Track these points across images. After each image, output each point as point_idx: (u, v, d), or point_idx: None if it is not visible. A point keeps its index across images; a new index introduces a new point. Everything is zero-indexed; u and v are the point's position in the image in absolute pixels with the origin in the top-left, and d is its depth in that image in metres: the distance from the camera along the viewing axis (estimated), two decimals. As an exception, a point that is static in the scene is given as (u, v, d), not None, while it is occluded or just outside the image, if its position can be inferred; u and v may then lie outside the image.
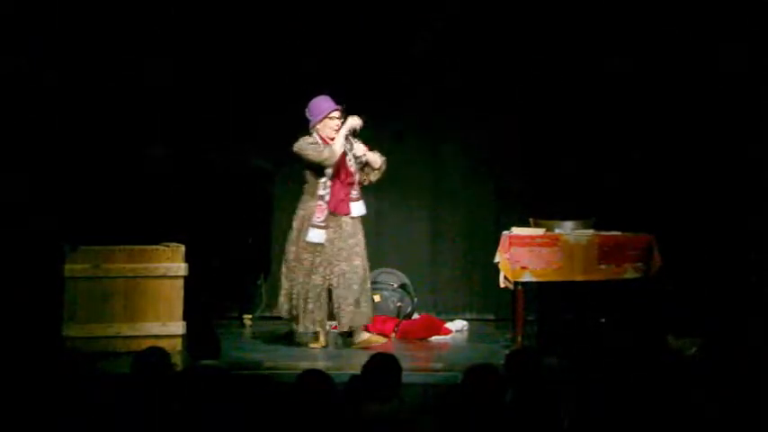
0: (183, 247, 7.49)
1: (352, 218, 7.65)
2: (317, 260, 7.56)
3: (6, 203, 7.54)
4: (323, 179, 7.56)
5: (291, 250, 7.61)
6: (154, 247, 7.50)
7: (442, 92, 9.04)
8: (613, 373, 5.53)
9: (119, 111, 8.50)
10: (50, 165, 7.92)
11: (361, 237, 7.67)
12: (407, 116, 9.09)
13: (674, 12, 8.56)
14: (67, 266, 7.26)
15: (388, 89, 8.95)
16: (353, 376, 4.92)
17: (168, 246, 7.52)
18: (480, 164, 9.21)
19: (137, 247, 7.44)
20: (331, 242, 7.56)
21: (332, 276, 7.56)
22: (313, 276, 7.55)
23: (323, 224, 7.54)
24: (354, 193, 7.65)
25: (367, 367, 4.90)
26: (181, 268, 7.43)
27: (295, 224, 7.63)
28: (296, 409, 4.62)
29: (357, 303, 7.60)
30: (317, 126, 7.60)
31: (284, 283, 7.65)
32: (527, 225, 7.90)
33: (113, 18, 8.43)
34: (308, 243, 7.54)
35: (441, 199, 9.26)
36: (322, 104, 7.62)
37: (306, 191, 7.66)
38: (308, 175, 7.63)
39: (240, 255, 8.85)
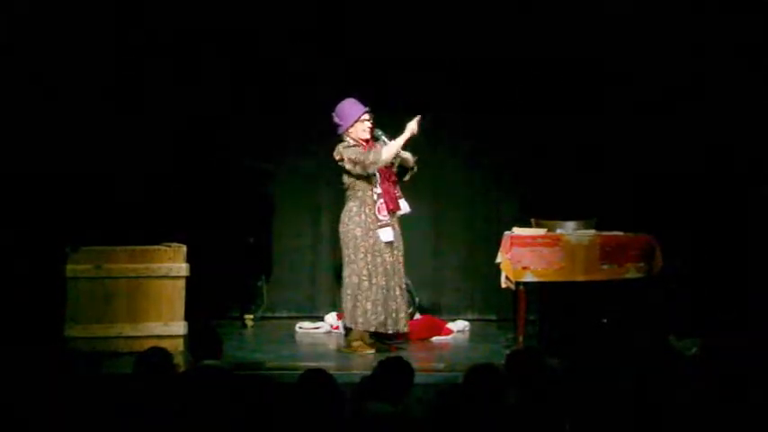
0: (184, 248, 7.50)
1: (400, 216, 7.68)
2: (391, 259, 7.56)
3: (7, 204, 7.56)
4: (375, 179, 7.55)
5: (361, 257, 7.50)
6: (156, 247, 7.50)
7: (444, 91, 9.03)
8: (615, 373, 5.53)
9: (120, 110, 8.50)
10: (52, 165, 7.95)
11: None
12: (409, 116, 9.09)
13: (674, 10, 8.58)
14: (69, 267, 7.27)
15: (389, 89, 8.95)
16: (365, 377, 4.94)
17: (170, 246, 7.52)
18: (481, 164, 9.21)
19: (138, 248, 7.45)
20: (397, 240, 7.60)
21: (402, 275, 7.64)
22: (393, 276, 7.56)
23: (389, 222, 7.54)
24: (399, 191, 7.67)
25: (379, 369, 4.92)
26: (182, 268, 7.44)
27: (358, 231, 7.51)
28: (298, 409, 4.63)
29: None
30: (350, 130, 7.58)
31: (365, 294, 7.50)
32: (528, 225, 7.90)
33: (114, 16, 8.44)
34: (383, 244, 7.52)
35: (442, 199, 9.26)
36: (352, 108, 7.58)
37: (351, 196, 7.56)
38: (354, 180, 7.55)
39: (241, 255, 8.87)
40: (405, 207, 7.67)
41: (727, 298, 8.06)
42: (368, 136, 7.58)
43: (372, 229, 7.50)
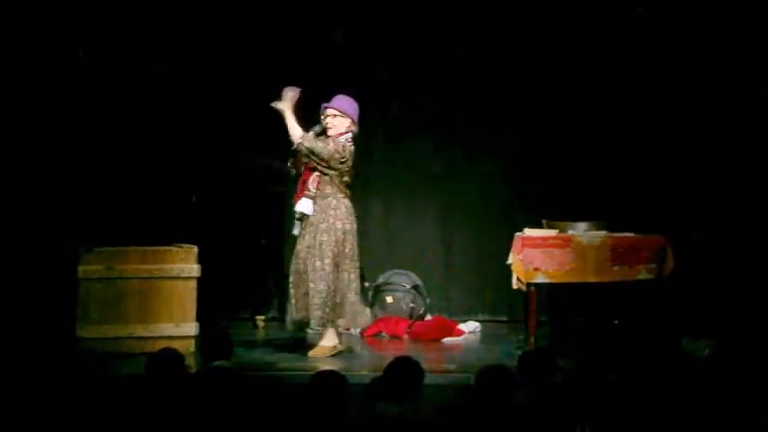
0: (196, 249, 7.51)
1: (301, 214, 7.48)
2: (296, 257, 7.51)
3: (20, 205, 7.58)
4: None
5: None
6: (167, 248, 7.51)
7: (454, 92, 9.03)
8: (626, 374, 5.53)
9: (131, 111, 8.52)
10: (64, 166, 7.97)
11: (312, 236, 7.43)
12: (419, 116, 9.11)
13: (688, 20, 8.58)
14: (81, 268, 7.28)
15: (398, 90, 8.97)
16: (376, 378, 4.94)
17: (181, 247, 7.53)
18: (493, 165, 9.20)
19: (150, 249, 7.46)
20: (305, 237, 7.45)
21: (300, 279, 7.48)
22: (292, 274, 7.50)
23: (297, 216, 7.50)
24: (309, 189, 7.44)
25: (390, 370, 4.92)
26: (194, 269, 7.44)
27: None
28: (310, 410, 4.64)
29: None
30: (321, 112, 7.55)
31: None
32: (540, 226, 7.90)
33: (124, 15, 8.46)
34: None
35: (453, 200, 9.26)
36: (332, 98, 7.53)
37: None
38: None
39: (252, 256, 8.88)
40: (300, 206, 7.45)
41: (740, 299, 8.03)
42: (328, 129, 7.46)
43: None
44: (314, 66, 8.73)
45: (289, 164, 7.59)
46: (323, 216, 7.38)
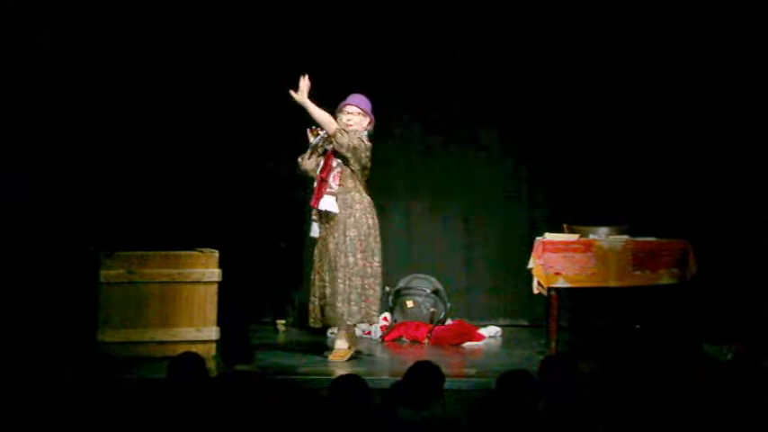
0: (217, 253, 7.52)
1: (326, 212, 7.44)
2: (319, 256, 7.50)
3: (42, 209, 7.62)
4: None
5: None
6: (188, 252, 7.51)
7: (476, 97, 9.04)
8: (648, 379, 5.52)
9: (156, 117, 8.56)
10: (88, 170, 8.01)
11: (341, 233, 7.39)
12: (442, 120, 9.13)
13: (705, 18, 8.57)
14: (103, 272, 7.29)
15: (420, 95, 8.99)
16: (396, 382, 4.94)
17: (202, 251, 7.54)
18: (514, 169, 9.20)
19: (171, 253, 7.46)
20: (327, 237, 7.43)
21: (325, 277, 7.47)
22: (316, 273, 7.51)
23: (314, 218, 7.50)
24: (331, 186, 7.42)
25: (410, 374, 4.93)
26: (215, 274, 7.44)
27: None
28: (330, 414, 4.65)
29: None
30: (337, 112, 7.50)
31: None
32: (561, 230, 7.90)
33: (154, 19, 8.50)
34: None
35: (474, 204, 9.26)
36: (348, 97, 7.53)
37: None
38: None
39: (273, 260, 8.90)
40: (324, 204, 7.40)
41: (762, 303, 8.00)
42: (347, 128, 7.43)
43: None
44: (337, 66, 8.76)
45: (300, 159, 7.56)
46: (349, 211, 7.36)
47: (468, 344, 8.31)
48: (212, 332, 7.39)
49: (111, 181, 8.28)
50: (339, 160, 7.40)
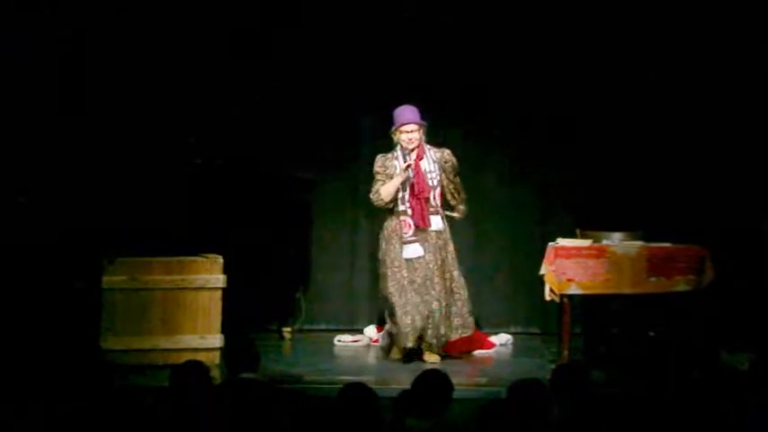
0: (221, 259, 7.53)
1: (435, 231, 7.74)
2: (422, 275, 7.67)
3: (44, 215, 7.63)
4: (403, 194, 7.72)
5: (394, 271, 7.71)
6: (192, 258, 7.52)
7: (484, 99, 9.02)
8: (663, 389, 5.50)
9: (158, 121, 8.56)
10: (89, 175, 8.02)
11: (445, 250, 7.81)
12: (450, 124, 9.11)
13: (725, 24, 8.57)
14: (105, 278, 7.31)
15: (430, 97, 8.97)
16: (404, 391, 4.94)
17: (206, 257, 7.55)
18: (524, 172, 9.17)
19: (174, 259, 7.48)
20: (432, 254, 7.71)
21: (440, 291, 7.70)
22: (427, 291, 7.66)
23: (415, 239, 7.67)
24: (434, 206, 7.76)
25: (418, 383, 4.92)
26: (219, 280, 7.46)
27: (391, 246, 7.73)
28: (338, 424, 4.64)
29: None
30: (395, 134, 7.75)
31: (399, 308, 7.67)
32: (573, 236, 7.87)
33: (153, 22, 8.51)
34: (413, 259, 7.69)
35: (483, 208, 9.21)
36: (399, 115, 7.74)
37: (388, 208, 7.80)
38: None
39: (280, 266, 8.88)
40: (436, 224, 7.77)
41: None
42: (410, 146, 7.69)
43: (402, 243, 7.69)
44: (355, 71, 8.85)
45: (376, 195, 7.75)
46: (446, 229, 7.82)
47: (478, 352, 8.27)
48: (216, 340, 7.40)
49: (115, 184, 8.28)
50: (437, 177, 7.74)
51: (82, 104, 8.14)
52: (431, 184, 7.74)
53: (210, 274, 7.46)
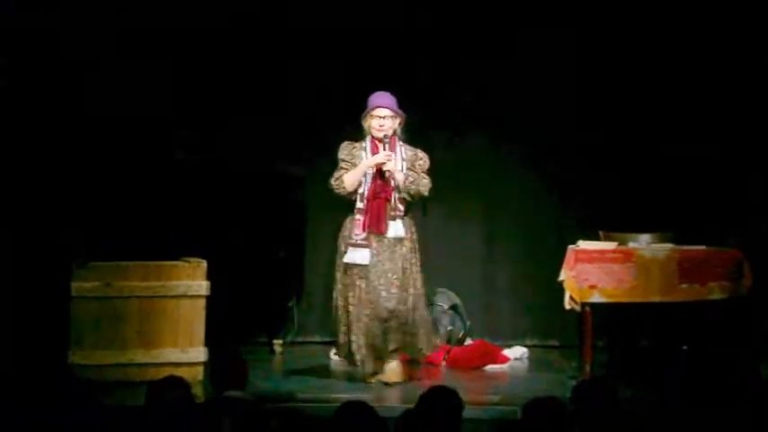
0: (204, 263, 7.51)
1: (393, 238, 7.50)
2: (367, 286, 7.42)
3: (10, 215, 7.64)
4: (362, 193, 7.52)
5: (339, 278, 7.54)
6: (172, 262, 7.53)
7: (500, 98, 9.09)
8: (698, 407, 5.49)
9: (137, 117, 8.60)
10: (60, 173, 8.03)
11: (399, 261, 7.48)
12: (462, 123, 9.13)
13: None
14: (75, 284, 7.31)
15: (442, 98, 9.00)
16: (407, 411, 4.91)
17: (188, 261, 7.55)
18: (542, 170, 9.20)
19: (153, 263, 7.49)
20: (383, 263, 7.46)
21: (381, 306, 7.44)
22: (366, 305, 7.44)
23: (363, 242, 7.45)
24: (395, 210, 7.51)
25: (424, 401, 4.89)
26: (202, 287, 7.46)
27: (342, 248, 7.53)
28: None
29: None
30: (364, 120, 7.55)
31: (341, 320, 7.52)
32: (596, 238, 7.89)
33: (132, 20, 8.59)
34: (360, 266, 7.43)
35: (497, 209, 9.29)
36: (372, 99, 7.55)
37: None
38: None
39: (269, 271, 8.86)
40: (393, 231, 7.47)
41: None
42: (380, 134, 7.48)
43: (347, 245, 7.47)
44: (351, 63, 8.93)
45: (337, 180, 7.54)
46: (410, 235, 7.53)
47: (490, 367, 8.34)
48: (199, 353, 7.42)
49: (89, 180, 8.30)
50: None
51: (58, 102, 8.18)
52: (393, 184, 7.49)
53: (193, 281, 7.46)
